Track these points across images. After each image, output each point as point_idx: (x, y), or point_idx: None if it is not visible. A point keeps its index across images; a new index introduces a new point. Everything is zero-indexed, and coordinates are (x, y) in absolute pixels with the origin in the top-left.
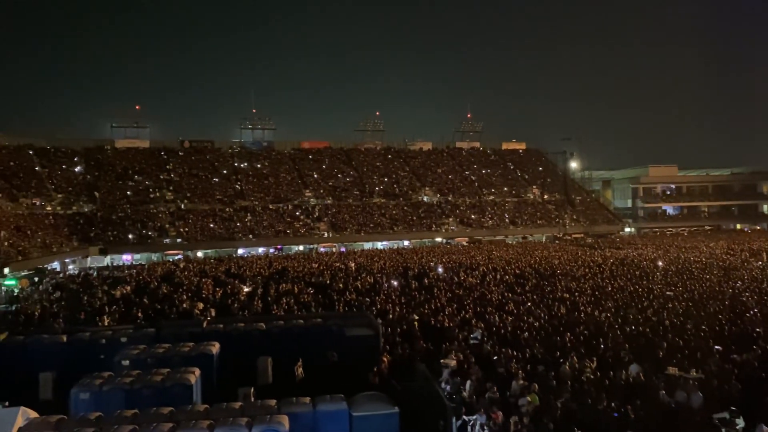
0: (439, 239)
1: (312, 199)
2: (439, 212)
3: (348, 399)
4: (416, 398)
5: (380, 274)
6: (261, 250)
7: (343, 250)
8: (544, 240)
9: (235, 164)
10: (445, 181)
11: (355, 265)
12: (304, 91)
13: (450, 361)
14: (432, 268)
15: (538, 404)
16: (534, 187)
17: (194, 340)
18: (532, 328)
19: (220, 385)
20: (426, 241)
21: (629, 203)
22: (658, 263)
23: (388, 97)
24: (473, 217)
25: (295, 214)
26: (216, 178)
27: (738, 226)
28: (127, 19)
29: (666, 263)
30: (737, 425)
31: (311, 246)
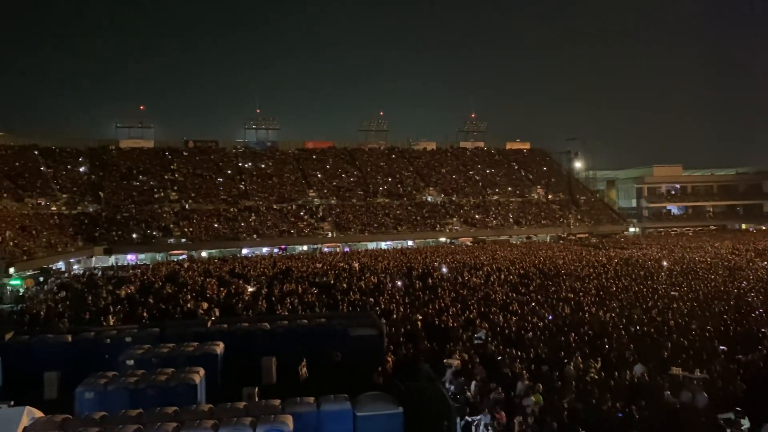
0: (443, 239)
1: (316, 199)
2: (443, 212)
3: (352, 399)
4: (420, 398)
5: (384, 274)
6: (265, 250)
7: (347, 250)
8: (549, 240)
9: (240, 164)
10: (449, 181)
11: (359, 265)
12: (308, 92)
13: (453, 361)
14: (436, 268)
15: (542, 404)
16: (538, 187)
17: (198, 340)
18: (537, 328)
19: (225, 385)
20: (430, 241)
21: (634, 203)
22: (663, 263)
23: (392, 97)
24: (477, 217)
25: (299, 214)
26: (220, 178)
27: (743, 226)
28: (132, 20)
29: (671, 263)
30: (742, 426)
31: (315, 246)
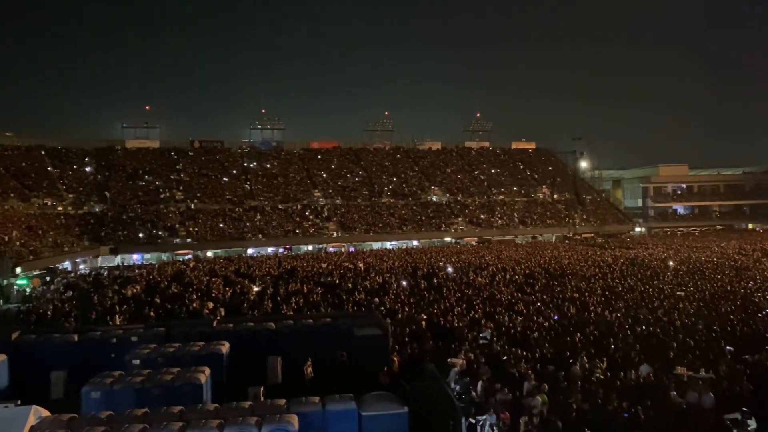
0: (448, 239)
1: (321, 199)
2: (448, 212)
3: (357, 399)
4: (425, 398)
5: (389, 274)
6: (270, 250)
7: (352, 249)
8: (554, 240)
9: (245, 164)
10: (455, 180)
11: (364, 265)
12: (314, 92)
13: (457, 361)
14: (441, 268)
15: (547, 404)
16: (544, 187)
17: (204, 340)
18: (542, 328)
19: (230, 385)
20: (435, 241)
21: (639, 203)
22: (669, 263)
23: (397, 97)
24: (482, 216)
25: (305, 214)
26: (226, 178)
27: (750, 226)
28: (138, 20)
29: (677, 263)
30: (749, 426)
31: (320, 246)
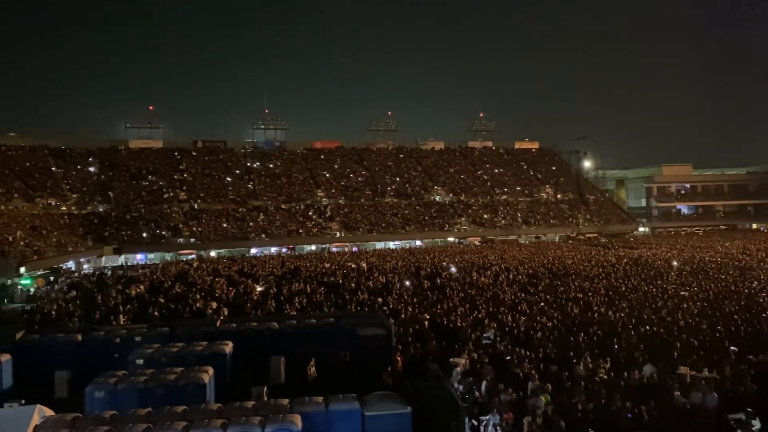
0: (452, 239)
1: (324, 199)
2: (451, 212)
3: (360, 398)
4: (429, 398)
5: (392, 274)
6: (273, 250)
7: (355, 249)
8: (558, 240)
9: (248, 164)
10: (458, 180)
11: (367, 265)
12: (316, 91)
13: (459, 360)
14: (444, 268)
15: (550, 404)
16: (547, 187)
17: (208, 340)
18: (545, 328)
19: (233, 385)
20: (438, 241)
21: (643, 203)
22: (673, 263)
23: (400, 97)
24: (486, 216)
25: (308, 213)
26: (229, 178)
27: (754, 226)
28: (141, 20)
29: (680, 263)
30: (753, 426)
31: (323, 246)
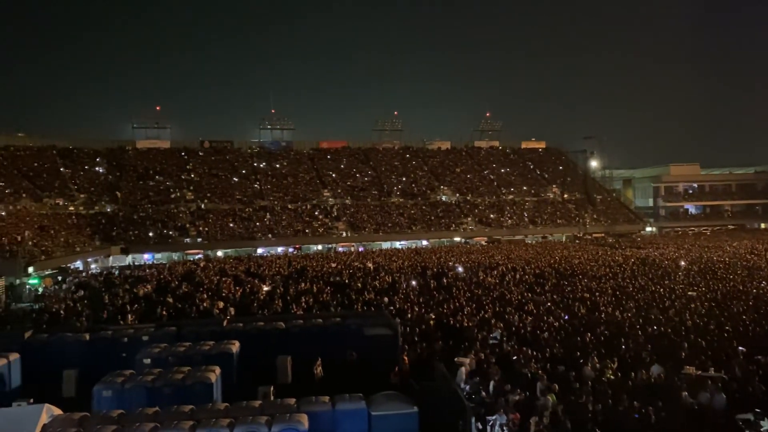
0: (458, 239)
1: (330, 199)
2: (457, 212)
3: (367, 398)
4: (435, 398)
5: (399, 274)
6: (280, 250)
7: (361, 249)
8: (564, 240)
9: (255, 164)
10: (464, 180)
11: (373, 265)
12: (323, 91)
13: (464, 360)
14: (451, 268)
15: (556, 404)
16: (554, 187)
17: (214, 339)
18: (552, 328)
19: (240, 384)
20: (444, 241)
21: (650, 202)
22: (680, 263)
23: (406, 96)
24: (492, 216)
25: (314, 213)
26: (235, 178)
27: (762, 226)
28: (148, 21)
29: (688, 263)
30: (762, 427)
31: (330, 245)
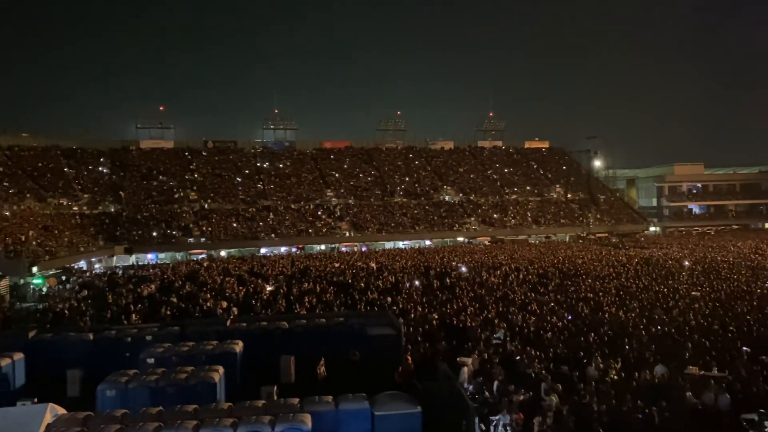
0: (461, 239)
1: (333, 199)
2: (460, 212)
3: (370, 398)
4: (439, 398)
5: (402, 274)
6: (283, 250)
7: (364, 249)
8: (568, 239)
9: (258, 164)
10: (467, 180)
11: (376, 265)
12: (326, 91)
13: (466, 360)
14: (454, 268)
15: (559, 404)
16: (557, 186)
17: (218, 339)
18: (556, 328)
19: (244, 384)
20: (448, 241)
21: (654, 202)
22: (684, 263)
23: (410, 96)
24: (495, 216)
25: (317, 213)
26: (239, 178)
27: (766, 225)
28: (151, 20)
29: (692, 263)
30: (766, 427)
31: (333, 245)
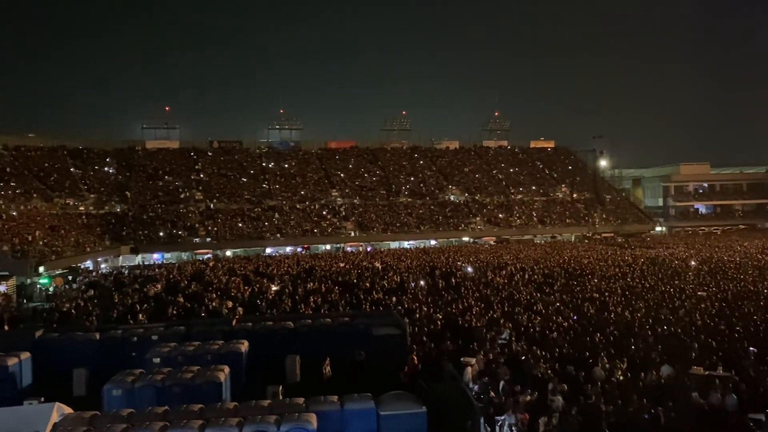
0: (467, 239)
1: (339, 199)
2: (466, 211)
3: (375, 398)
4: (444, 398)
5: (407, 274)
6: (288, 249)
7: (369, 249)
8: (573, 239)
9: (263, 164)
10: (472, 180)
11: (381, 265)
12: (331, 91)
13: (470, 360)
14: (459, 268)
15: (564, 404)
16: (563, 186)
17: (223, 339)
18: (561, 328)
19: (249, 383)
20: (453, 241)
21: (660, 202)
22: (691, 263)
23: (415, 96)
24: (501, 216)
25: (322, 213)
26: (244, 178)
27: None
28: (157, 21)
29: (698, 263)
30: None
31: (338, 245)
